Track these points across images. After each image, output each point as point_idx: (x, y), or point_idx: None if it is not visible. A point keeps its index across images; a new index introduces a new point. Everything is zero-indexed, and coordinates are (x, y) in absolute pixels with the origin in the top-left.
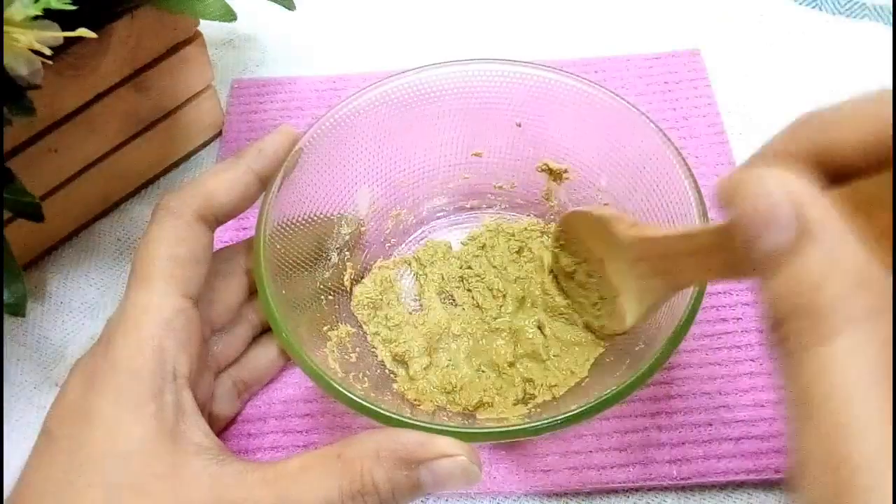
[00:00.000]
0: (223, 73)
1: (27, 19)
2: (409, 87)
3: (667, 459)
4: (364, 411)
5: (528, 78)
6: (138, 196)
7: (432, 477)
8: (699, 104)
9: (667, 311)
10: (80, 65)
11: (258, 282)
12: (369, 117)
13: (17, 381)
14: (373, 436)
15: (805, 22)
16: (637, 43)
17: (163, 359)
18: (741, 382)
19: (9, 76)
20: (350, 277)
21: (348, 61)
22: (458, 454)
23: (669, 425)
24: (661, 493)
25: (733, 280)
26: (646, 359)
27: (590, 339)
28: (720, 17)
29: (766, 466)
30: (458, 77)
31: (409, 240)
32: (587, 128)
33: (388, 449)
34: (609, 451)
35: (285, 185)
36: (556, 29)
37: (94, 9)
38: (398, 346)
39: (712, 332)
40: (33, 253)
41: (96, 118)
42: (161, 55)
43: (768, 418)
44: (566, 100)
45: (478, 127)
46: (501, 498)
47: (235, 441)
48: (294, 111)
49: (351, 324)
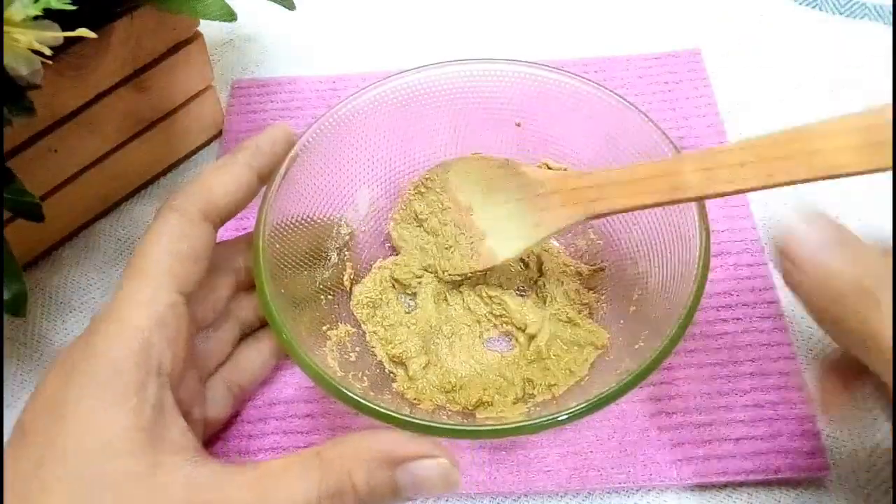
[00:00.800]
0: (223, 73)
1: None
2: (409, 87)
3: (667, 459)
4: (364, 410)
5: (528, 78)
6: (138, 196)
7: (411, 478)
8: (699, 104)
9: (667, 310)
10: (80, 65)
11: (257, 282)
12: (369, 117)
13: (17, 381)
14: (354, 436)
15: (805, 22)
16: (637, 43)
17: (149, 353)
18: (741, 382)
19: (9, 76)
20: (349, 277)
21: (348, 61)
22: (437, 456)
23: (669, 425)
24: (661, 493)
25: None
26: (646, 357)
27: (590, 338)
28: (720, 17)
29: (766, 466)
30: (458, 77)
31: None
32: (587, 128)
33: (368, 449)
34: (609, 451)
35: (284, 184)
36: (556, 29)
37: (94, 9)
38: (395, 348)
39: (712, 333)
40: (33, 253)
41: (96, 118)
42: (161, 55)
43: (768, 418)
44: (566, 100)
45: (478, 127)
46: (501, 498)
47: (236, 442)
48: (294, 111)
49: (350, 323)
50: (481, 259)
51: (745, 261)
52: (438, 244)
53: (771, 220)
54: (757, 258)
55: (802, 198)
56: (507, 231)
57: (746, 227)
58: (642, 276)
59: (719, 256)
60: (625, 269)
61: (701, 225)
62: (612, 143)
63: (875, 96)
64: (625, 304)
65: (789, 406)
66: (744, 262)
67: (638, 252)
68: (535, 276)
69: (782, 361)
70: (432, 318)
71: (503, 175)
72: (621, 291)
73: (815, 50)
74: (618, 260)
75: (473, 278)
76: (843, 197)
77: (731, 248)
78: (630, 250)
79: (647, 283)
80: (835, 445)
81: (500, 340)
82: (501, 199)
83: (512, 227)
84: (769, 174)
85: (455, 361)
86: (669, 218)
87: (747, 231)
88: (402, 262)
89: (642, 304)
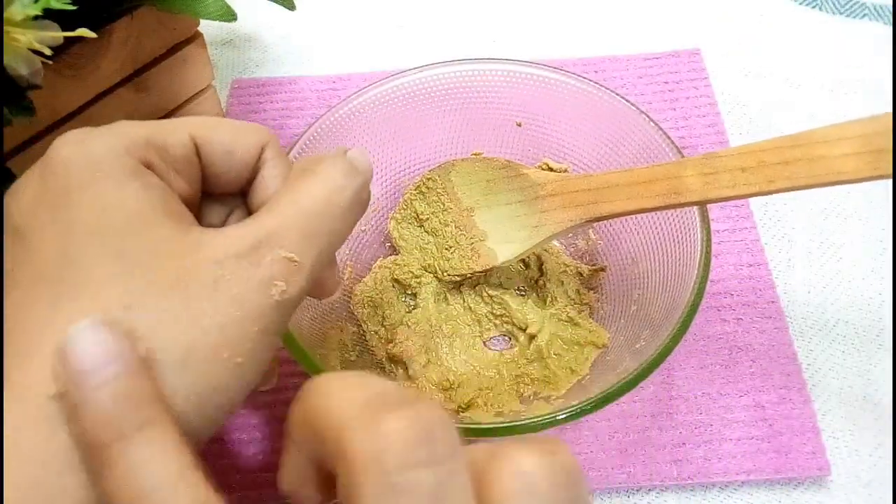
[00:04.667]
0: (223, 73)
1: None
2: (409, 87)
3: (667, 459)
4: None
5: (527, 78)
6: None
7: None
8: (699, 104)
9: (667, 310)
10: (80, 65)
11: None
12: (369, 117)
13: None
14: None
15: (805, 22)
16: (637, 43)
17: (148, 147)
18: (741, 382)
19: (9, 76)
20: (350, 276)
21: (348, 61)
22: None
23: (669, 425)
24: (661, 493)
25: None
26: (646, 357)
27: (590, 338)
28: (720, 17)
29: (766, 466)
30: (459, 77)
31: None
32: (587, 127)
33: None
34: (609, 451)
35: None
36: (556, 29)
37: (94, 9)
38: (395, 348)
39: (712, 333)
40: None
41: (96, 118)
42: (161, 55)
43: (768, 418)
44: (566, 99)
45: (478, 126)
46: None
47: (238, 436)
48: (294, 111)
49: (351, 322)
50: (481, 260)
51: (745, 261)
52: (439, 244)
53: (771, 219)
54: (757, 258)
55: (802, 199)
56: (508, 232)
57: (746, 227)
58: (643, 275)
59: (719, 256)
60: (625, 269)
61: (702, 225)
62: (612, 142)
63: (875, 96)
64: (625, 303)
65: (789, 406)
66: (744, 262)
67: (638, 252)
68: (535, 276)
69: (782, 361)
70: (433, 317)
71: (505, 176)
72: (622, 291)
73: (815, 50)
74: (618, 260)
75: (473, 278)
76: (844, 197)
77: (731, 248)
78: (631, 250)
79: (647, 283)
80: (835, 445)
81: (500, 340)
82: (503, 200)
83: (512, 228)
84: (770, 180)
85: (455, 361)
86: (670, 218)
87: (747, 231)
88: (402, 262)
89: (643, 303)
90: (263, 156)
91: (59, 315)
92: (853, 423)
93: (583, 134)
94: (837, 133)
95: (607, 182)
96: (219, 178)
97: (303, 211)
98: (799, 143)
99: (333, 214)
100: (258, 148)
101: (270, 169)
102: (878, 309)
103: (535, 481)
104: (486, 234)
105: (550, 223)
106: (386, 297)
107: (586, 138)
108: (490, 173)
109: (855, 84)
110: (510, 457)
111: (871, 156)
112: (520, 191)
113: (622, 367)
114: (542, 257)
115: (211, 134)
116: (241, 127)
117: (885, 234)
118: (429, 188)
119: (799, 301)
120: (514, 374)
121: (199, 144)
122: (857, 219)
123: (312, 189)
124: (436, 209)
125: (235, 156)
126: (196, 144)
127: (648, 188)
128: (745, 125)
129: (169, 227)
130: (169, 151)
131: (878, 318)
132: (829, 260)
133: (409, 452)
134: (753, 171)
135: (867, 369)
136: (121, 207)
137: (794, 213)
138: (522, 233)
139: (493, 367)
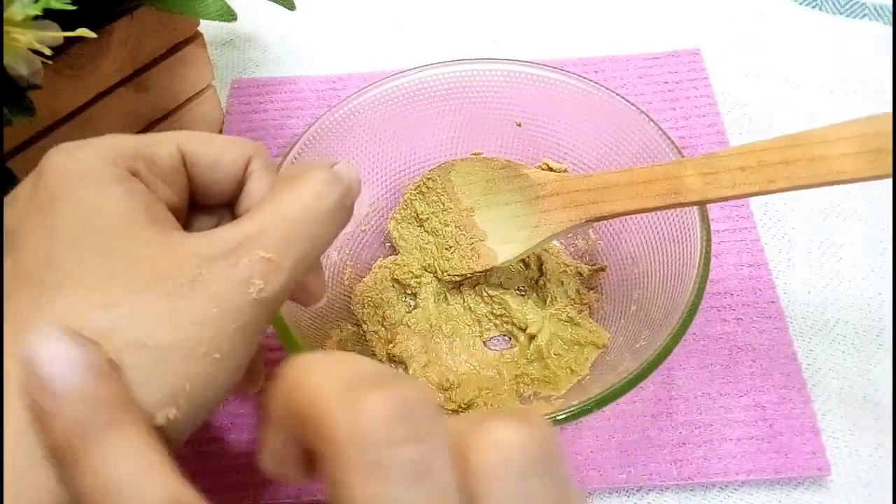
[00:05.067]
0: (223, 73)
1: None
2: (409, 87)
3: (667, 459)
4: None
5: (527, 78)
6: None
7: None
8: (699, 104)
9: (667, 310)
10: (80, 65)
11: None
12: (369, 117)
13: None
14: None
15: (805, 22)
16: (637, 43)
17: (136, 157)
18: (741, 382)
19: (9, 76)
20: (350, 276)
21: (348, 61)
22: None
23: (669, 425)
24: (661, 493)
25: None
26: (646, 357)
27: (590, 338)
28: (720, 17)
29: (766, 466)
30: (459, 77)
31: None
32: (587, 127)
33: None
34: (609, 451)
35: None
36: (556, 29)
37: (94, 9)
38: (395, 347)
39: (712, 333)
40: None
41: (96, 118)
42: (161, 55)
43: (768, 418)
44: (566, 99)
45: (478, 126)
46: None
47: (238, 436)
48: (294, 111)
49: (351, 322)
50: (481, 260)
51: (745, 261)
52: (439, 244)
53: (771, 219)
54: (757, 258)
55: (802, 199)
56: (508, 232)
57: (746, 227)
58: (643, 275)
59: (719, 256)
60: (625, 269)
61: (702, 225)
62: (612, 142)
63: (875, 96)
64: (625, 303)
65: (789, 406)
66: (744, 262)
67: (638, 252)
68: (535, 276)
69: (782, 361)
70: (433, 317)
71: (505, 177)
72: (622, 291)
73: (815, 50)
74: (618, 259)
75: (473, 278)
76: (843, 197)
77: (731, 248)
78: (631, 250)
79: (647, 283)
80: (835, 445)
81: (500, 340)
82: (502, 200)
83: (512, 228)
84: (770, 179)
85: (455, 361)
86: (670, 218)
87: (747, 231)
88: (402, 262)
89: (643, 303)
90: (249, 168)
91: (40, 316)
92: (853, 423)
93: (583, 134)
94: (837, 133)
95: (607, 182)
96: (206, 189)
97: (284, 215)
98: (799, 143)
99: (315, 220)
100: (244, 160)
101: (256, 181)
102: (878, 309)
103: (512, 453)
104: (486, 234)
105: (550, 223)
106: (386, 297)
107: (586, 138)
108: (490, 173)
109: (855, 84)
110: (488, 429)
111: (871, 156)
112: (520, 191)
113: (622, 367)
114: (542, 257)
115: (197, 146)
116: (227, 140)
117: (885, 234)
118: (429, 188)
119: (799, 301)
120: (514, 374)
121: (186, 156)
122: (857, 219)
123: (294, 195)
124: (436, 209)
125: (221, 167)
126: (183, 156)
127: (648, 188)
128: (745, 125)
129: (151, 230)
130: (156, 162)
131: (878, 318)
132: (829, 260)
133: (389, 430)
134: (753, 170)
135: (867, 369)
136: (103, 210)
137: (794, 213)
138: (522, 233)
139: (493, 367)
